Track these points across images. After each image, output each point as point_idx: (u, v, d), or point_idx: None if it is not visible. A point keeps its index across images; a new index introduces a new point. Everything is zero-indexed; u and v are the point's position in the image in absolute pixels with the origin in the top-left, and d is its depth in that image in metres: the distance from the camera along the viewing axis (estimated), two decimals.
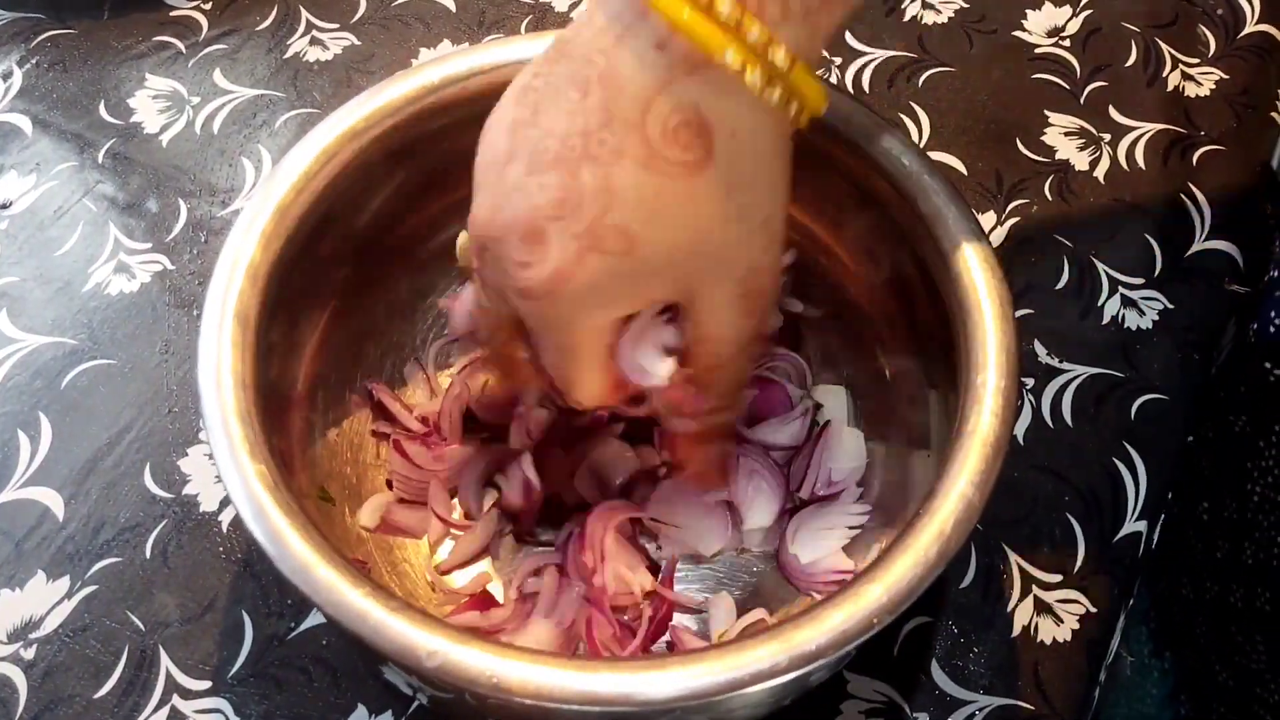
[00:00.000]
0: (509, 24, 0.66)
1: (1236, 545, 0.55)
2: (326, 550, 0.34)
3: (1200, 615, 0.58)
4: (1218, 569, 0.56)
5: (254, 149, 0.61)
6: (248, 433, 0.36)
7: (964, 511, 0.34)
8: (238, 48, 0.66)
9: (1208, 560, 0.57)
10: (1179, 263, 0.57)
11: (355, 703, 0.45)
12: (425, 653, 0.32)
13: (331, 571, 0.34)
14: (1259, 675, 0.53)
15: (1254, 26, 0.65)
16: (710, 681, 0.32)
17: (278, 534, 0.35)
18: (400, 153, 0.45)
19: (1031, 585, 0.48)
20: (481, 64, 0.45)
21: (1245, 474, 0.54)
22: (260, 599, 0.47)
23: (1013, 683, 0.46)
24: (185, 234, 0.58)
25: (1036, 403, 0.52)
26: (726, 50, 0.32)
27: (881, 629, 0.33)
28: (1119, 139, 0.61)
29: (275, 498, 0.35)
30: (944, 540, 0.34)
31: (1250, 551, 0.53)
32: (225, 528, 0.49)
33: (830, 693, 0.46)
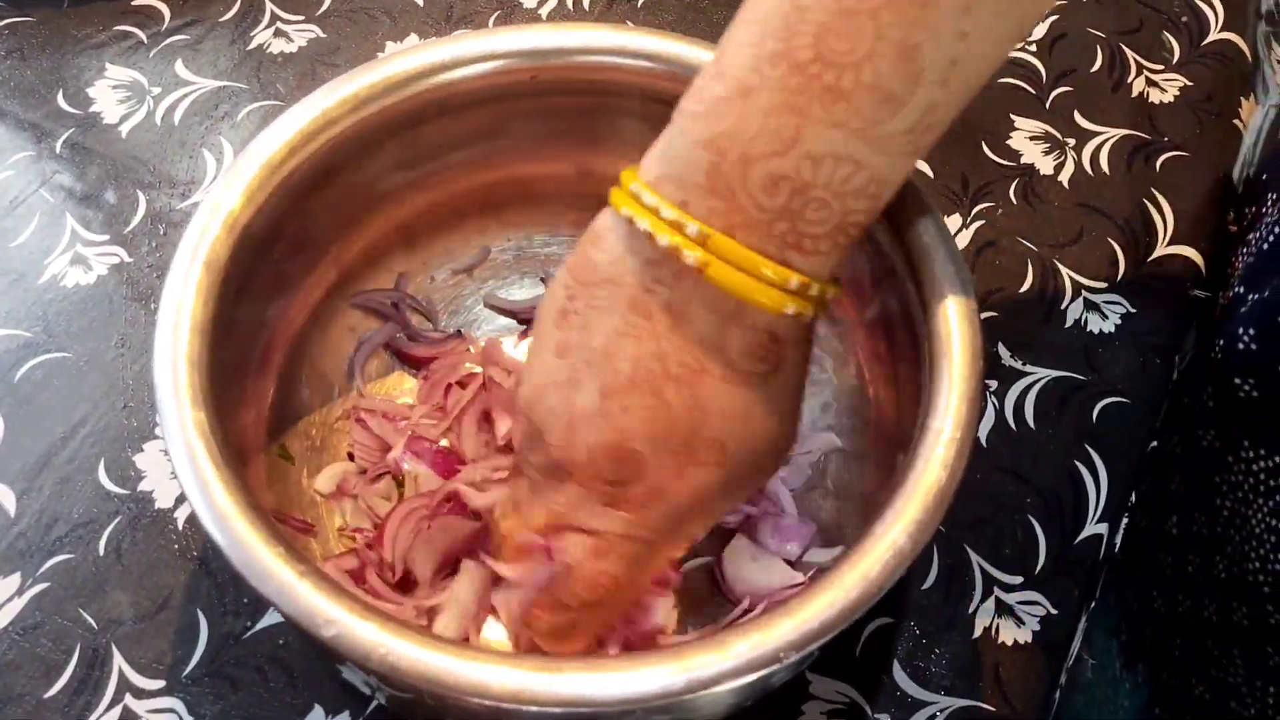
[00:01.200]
0: (477, 19, 0.66)
1: (1208, 560, 0.55)
2: (250, 504, 0.34)
3: (1174, 630, 0.59)
4: (1189, 583, 0.57)
5: (215, 141, 0.60)
6: (193, 379, 0.36)
7: (893, 559, 0.34)
8: (200, 38, 0.65)
9: (1178, 575, 0.58)
10: (1142, 267, 0.57)
11: (312, 703, 0.45)
12: (323, 620, 0.32)
13: (246, 526, 0.33)
14: (1235, 689, 0.53)
15: (1217, 34, 0.65)
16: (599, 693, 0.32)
17: (204, 482, 0.34)
18: (370, 143, 0.45)
19: (993, 587, 0.48)
20: (450, 57, 0.44)
21: (1214, 489, 0.54)
22: (216, 597, 0.47)
23: (974, 684, 0.46)
24: (144, 226, 0.57)
25: (999, 405, 0.53)
26: (789, 307, 0.34)
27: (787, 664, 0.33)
28: (1084, 144, 0.61)
29: (206, 445, 0.35)
30: (867, 584, 0.33)
31: (1223, 566, 0.53)
32: (181, 524, 0.49)
33: (792, 693, 0.46)
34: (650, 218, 0.34)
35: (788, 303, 0.34)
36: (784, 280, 0.34)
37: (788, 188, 0.33)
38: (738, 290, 0.34)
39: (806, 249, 0.34)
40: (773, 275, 0.34)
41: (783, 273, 0.34)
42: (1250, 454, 0.51)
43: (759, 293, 0.34)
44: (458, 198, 0.51)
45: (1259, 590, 0.50)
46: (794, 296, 0.34)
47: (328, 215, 0.46)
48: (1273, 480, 0.49)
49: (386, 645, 0.31)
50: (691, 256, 0.33)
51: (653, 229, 0.34)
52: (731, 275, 0.34)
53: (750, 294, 0.34)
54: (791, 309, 0.34)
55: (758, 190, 0.33)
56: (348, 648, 0.32)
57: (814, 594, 0.33)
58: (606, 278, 0.35)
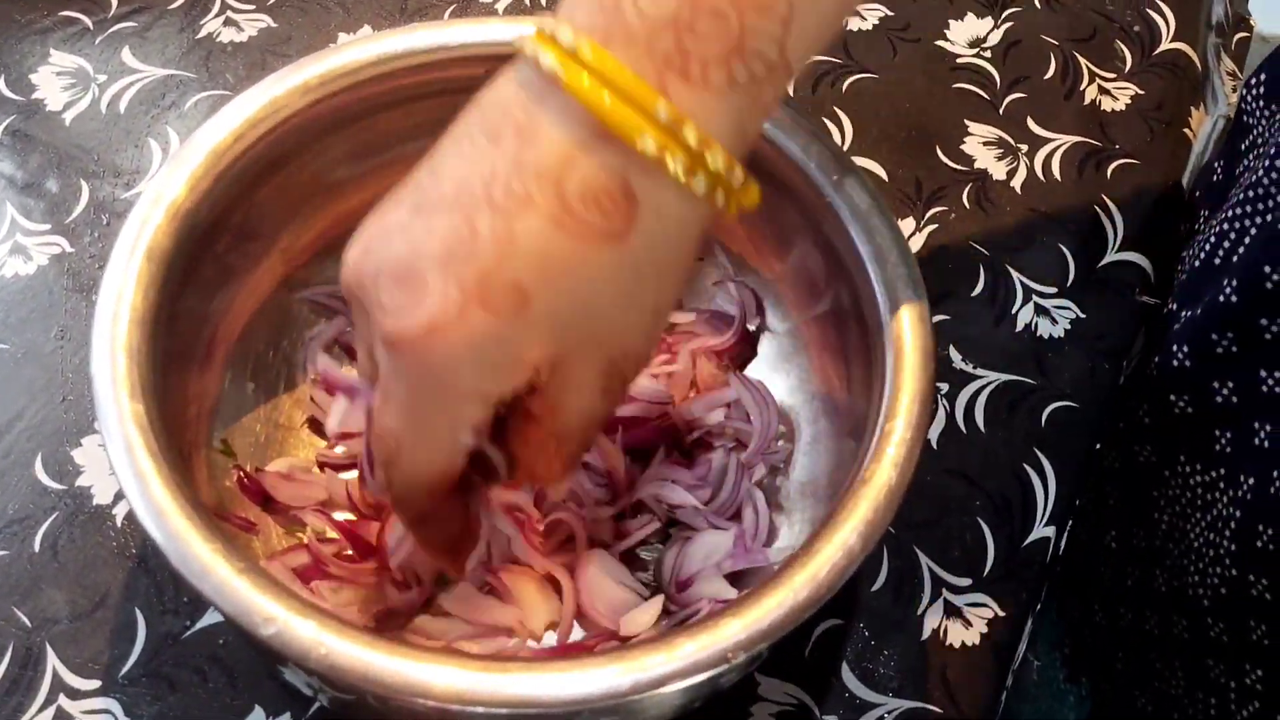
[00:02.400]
0: (432, 11, 0.65)
1: (1147, 573, 0.55)
2: (189, 499, 0.33)
3: (1116, 642, 0.59)
4: (1130, 596, 0.57)
5: (162, 130, 0.59)
6: (131, 372, 0.35)
7: (843, 560, 0.34)
8: (148, 26, 0.63)
9: (1118, 588, 0.58)
10: (1091, 273, 0.57)
11: (252, 704, 0.44)
12: (262, 618, 0.31)
13: (184, 521, 0.33)
14: (1177, 700, 0.54)
15: (1169, 44, 0.66)
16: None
17: (141, 475, 0.33)
18: (320, 133, 0.44)
19: (942, 589, 0.48)
20: (404, 48, 0.44)
21: (1152, 503, 0.54)
22: (155, 596, 0.46)
23: (921, 685, 0.46)
24: (86, 216, 0.56)
25: (950, 408, 0.53)
26: (643, 136, 0.29)
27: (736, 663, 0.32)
28: (1036, 150, 0.62)
29: (144, 438, 0.34)
30: (816, 585, 0.33)
31: (1163, 579, 0.54)
32: (120, 521, 0.47)
33: (741, 695, 0.45)
34: (536, 35, 0.30)
35: (647, 131, 0.29)
36: (649, 104, 0.29)
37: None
38: (590, 101, 0.29)
39: (693, 76, 0.29)
40: (635, 93, 0.29)
41: (649, 94, 0.29)
42: (1187, 469, 0.52)
43: (615, 111, 0.29)
44: None
45: (1199, 603, 0.50)
46: (656, 129, 0.29)
47: (275, 206, 0.45)
48: (1209, 495, 0.50)
49: (326, 644, 0.31)
50: (550, 59, 0.29)
51: (530, 41, 0.30)
52: (589, 86, 0.29)
53: (604, 109, 0.29)
54: (651, 143, 0.29)
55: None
56: (286, 646, 0.31)
57: (762, 595, 0.33)
58: (477, 102, 0.32)
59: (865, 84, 0.64)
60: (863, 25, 0.66)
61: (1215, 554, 0.49)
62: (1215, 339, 0.48)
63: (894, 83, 0.64)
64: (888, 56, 0.65)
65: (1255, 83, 0.54)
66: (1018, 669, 0.49)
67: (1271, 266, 0.44)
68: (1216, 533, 0.49)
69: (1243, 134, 0.55)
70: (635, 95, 0.29)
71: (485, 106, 0.32)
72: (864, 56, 0.65)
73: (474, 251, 0.30)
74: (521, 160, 0.30)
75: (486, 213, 0.30)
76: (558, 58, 0.29)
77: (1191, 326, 0.50)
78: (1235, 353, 0.47)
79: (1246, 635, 0.48)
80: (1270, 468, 0.45)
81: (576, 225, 0.30)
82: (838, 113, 0.62)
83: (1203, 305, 0.49)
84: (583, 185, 0.30)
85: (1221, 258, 0.51)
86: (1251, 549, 0.46)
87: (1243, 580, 0.47)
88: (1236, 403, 0.48)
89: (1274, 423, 0.46)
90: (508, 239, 0.30)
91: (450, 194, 0.30)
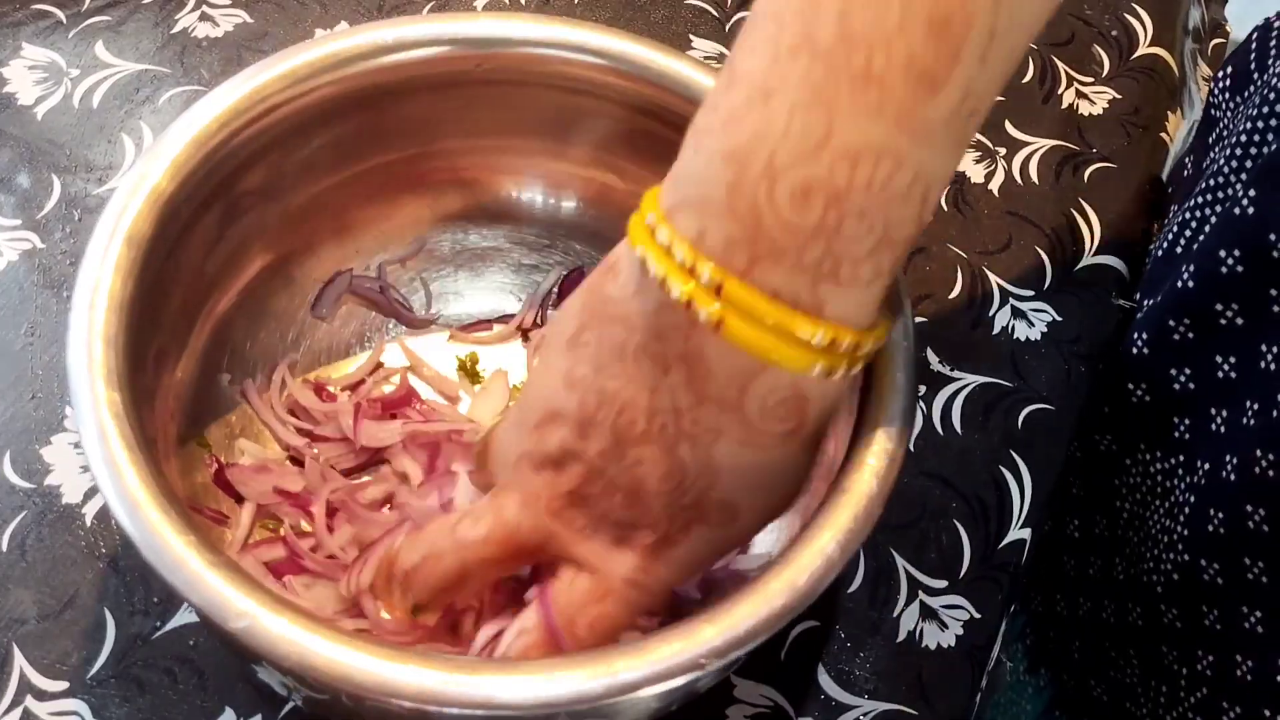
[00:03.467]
0: (410, 7, 0.65)
1: (1108, 562, 0.56)
2: (163, 491, 0.33)
3: (1075, 632, 0.59)
4: (1090, 585, 0.58)
5: (135, 125, 0.59)
6: (108, 359, 0.35)
7: (821, 567, 0.34)
8: (122, 20, 0.63)
9: (1080, 577, 0.59)
10: (1068, 276, 0.58)
11: (223, 706, 0.43)
12: (234, 612, 0.31)
13: (158, 513, 0.32)
14: (1131, 689, 0.54)
15: (1146, 49, 0.66)
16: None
17: (115, 466, 0.33)
18: (306, 123, 0.44)
19: (918, 591, 0.48)
20: (393, 39, 0.43)
21: (1114, 491, 0.55)
22: (124, 596, 0.45)
23: (897, 688, 0.46)
24: (58, 211, 0.55)
25: (928, 410, 0.53)
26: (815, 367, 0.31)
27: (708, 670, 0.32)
28: (1014, 153, 0.62)
29: (120, 427, 0.33)
30: (793, 592, 0.33)
31: (1121, 567, 0.54)
32: (90, 520, 0.47)
33: (717, 697, 0.45)
34: (663, 260, 0.31)
35: (815, 361, 0.31)
36: (811, 335, 0.30)
37: (821, 197, 0.29)
38: (756, 350, 0.30)
39: (844, 278, 0.30)
40: (798, 331, 0.30)
41: (809, 327, 0.30)
42: (1146, 457, 0.52)
43: (780, 353, 0.30)
44: (394, 186, 0.50)
45: (1153, 590, 0.51)
46: (823, 354, 0.31)
47: (258, 197, 0.45)
48: (1168, 482, 0.50)
49: (297, 640, 0.30)
50: (705, 313, 0.30)
51: (665, 274, 0.31)
52: (749, 333, 0.30)
53: (770, 354, 0.30)
54: (820, 368, 0.31)
55: (786, 206, 0.29)
56: (257, 642, 0.31)
57: (740, 600, 0.33)
58: (620, 315, 0.33)
59: None
60: None
61: (1169, 540, 0.49)
62: (1173, 325, 0.48)
63: None
64: None
65: (1222, 75, 0.55)
66: (992, 669, 0.49)
67: (1226, 251, 0.44)
68: (1173, 519, 0.49)
69: (1209, 127, 0.56)
70: (791, 328, 0.30)
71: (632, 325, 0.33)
72: None
73: (683, 484, 0.33)
74: (702, 394, 0.32)
75: (685, 444, 0.33)
76: (711, 311, 0.30)
77: (1151, 314, 0.50)
78: (1192, 339, 0.48)
79: (1198, 621, 0.48)
80: (1223, 452, 0.46)
81: (764, 438, 0.33)
82: None
83: (1162, 293, 0.50)
84: (765, 407, 0.32)
85: (1182, 246, 0.52)
86: (1203, 534, 0.46)
87: (1194, 565, 0.47)
88: (1194, 389, 0.48)
89: (1229, 408, 0.46)
90: (710, 466, 0.33)
91: (642, 426, 0.33)
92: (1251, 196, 0.43)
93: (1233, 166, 0.49)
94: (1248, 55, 0.53)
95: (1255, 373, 0.45)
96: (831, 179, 0.28)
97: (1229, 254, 0.44)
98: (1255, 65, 0.52)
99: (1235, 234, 0.44)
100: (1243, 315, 0.45)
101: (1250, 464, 0.43)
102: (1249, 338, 0.45)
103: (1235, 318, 0.45)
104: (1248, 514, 0.43)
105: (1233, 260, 0.44)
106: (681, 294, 0.30)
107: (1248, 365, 0.45)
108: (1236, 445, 0.45)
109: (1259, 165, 0.46)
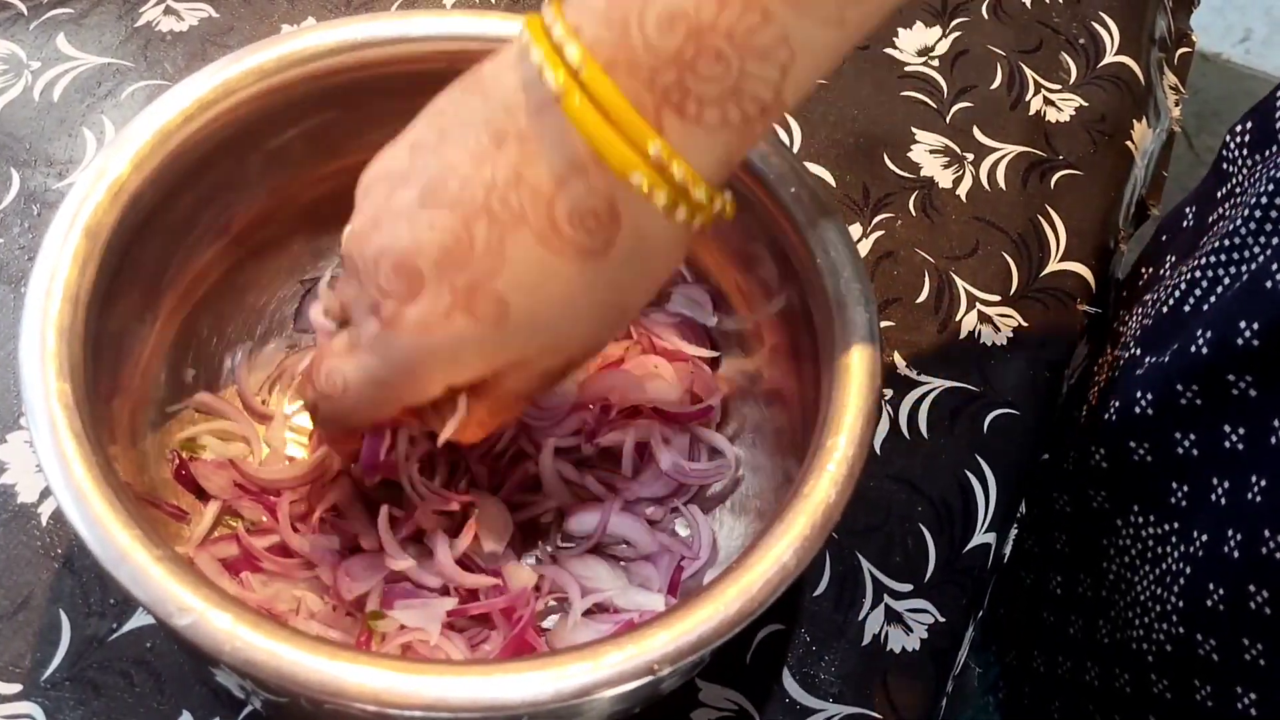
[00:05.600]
0: (378, 4, 0.64)
1: (1090, 622, 0.55)
2: (112, 483, 0.32)
3: (1055, 691, 0.59)
4: (1071, 645, 0.57)
5: (97, 120, 0.58)
6: (61, 350, 0.34)
7: (777, 575, 0.34)
8: (85, 13, 0.62)
9: (1060, 635, 0.58)
10: (1034, 282, 0.58)
11: (180, 709, 0.43)
12: (178, 608, 0.30)
13: (104, 505, 0.32)
14: None
15: (1113, 57, 0.67)
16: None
17: (63, 457, 0.32)
18: (274, 117, 0.43)
19: (883, 594, 0.48)
20: (364, 37, 0.43)
21: (1101, 551, 0.54)
22: (80, 597, 0.44)
23: (862, 691, 0.46)
24: (16, 206, 0.54)
25: (894, 414, 0.53)
26: (634, 173, 0.31)
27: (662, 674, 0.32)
28: (981, 159, 0.62)
29: (69, 418, 0.33)
30: (747, 599, 0.33)
31: (1106, 630, 0.54)
32: (45, 520, 0.46)
33: (681, 701, 0.45)
34: (540, 36, 0.31)
35: (637, 168, 0.31)
36: (642, 140, 0.30)
37: (684, 27, 0.30)
38: (588, 132, 0.30)
39: (689, 114, 0.31)
40: (631, 128, 0.30)
41: (645, 131, 0.30)
42: (1139, 519, 0.51)
43: (609, 144, 0.30)
44: None
45: (1143, 659, 0.50)
46: (648, 166, 0.31)
47: (225, 191, 0.44)
48: (1161, 548, 0.50)
49: (241, 638, 0.30)
50: (553, 79, 0.31)
51: (533, 41, 0.31)
52: (588, 114, 0.30)
53: (600, 141, 0.30)
54: (640, 179, 0.31)
55: (652, 26, 0.30)
56: (201, 639, 0.30)
57: (694, 606, 0.33)
58: (483, 88, 0.33)
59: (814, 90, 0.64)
60: None
61: (1162, 609, 0.49)
62: (1180, 389, 0.47)
63: (842, 89, 0.64)
64: None
65: (1240, 130, 0.53)
66: (958, 674, 0.50)
67: (1246, 322, 0.43)
68: (1164, 587, 0.49)
69: (1221, 181, 0.54)
70: (631, 130, 0.30)
71: (490, 96, 0.33)
72: None
73: (468, 260, 0.32)
74: (521, 175, 0.32)
75: (484, 222, 0.32)
76: (562, 80, 0.31)
77: (1156, 374, 0.49)
78: (1200, 405, 0.47)
79: (1191, 695, 0.47)
80: (1224, 525, 0.45)
81: (561, 243, 0.32)
82: (786, 118, 0.62)
83: (1170, 353, 0.49)
84: (572, 206, 0.32)
85: (1191, 306, 0.50)
86: (1201, 608, 0.46)
87: (1190, 639, 0.47)
88: (1197, 455, 0.48)
89: (1232, 480, 0.46)
90: (499, 251, 0.32)
91: (454, 193, 0.32)
92: (1278, 269, 0.42)
93: (1250, 229, 0.47)
94: (1272, 112, 0.51)
95: (1265, 447, 0.44)
96: (697, 14, 0.30)
97: (1249, 325, 0.43)
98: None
99: (1256, 306, 0.43)
100: (1256, 387, 0.44)
101: (1256, 543, 0.42)
102: (1261, 411, 0.44)
103: (1249, 389, 0.44)
104: (1250, 594, 0.42)
105: (1251, 332, 0.43)
106: (540, 61, 0.31)
107: (1257, 438, 0.44)
108: (1240, 520, 0.44)
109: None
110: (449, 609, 0.42)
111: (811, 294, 0.41)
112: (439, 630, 0.42)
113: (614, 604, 0.44)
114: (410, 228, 0.33)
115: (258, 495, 0.45)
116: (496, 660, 0.32)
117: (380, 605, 0.42)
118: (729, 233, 0.46)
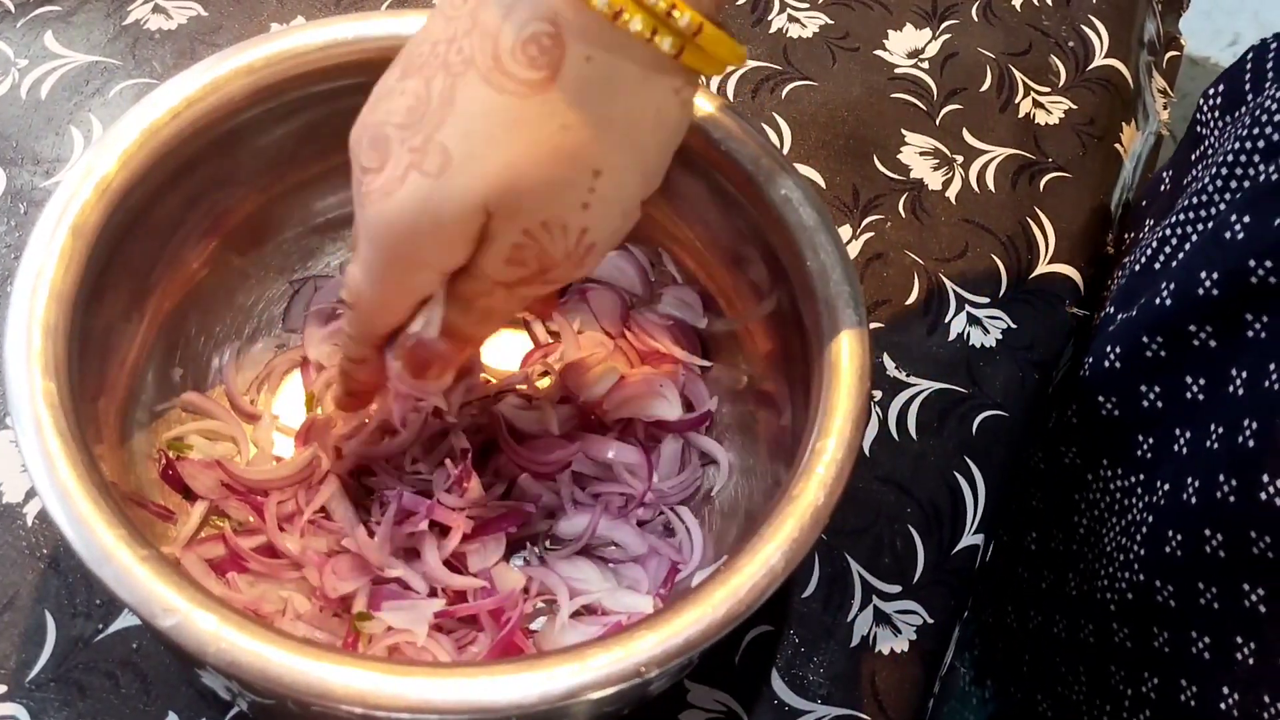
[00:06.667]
0: (368, 3, 0.64)
1: (1061, 576, 0.56)
2: (97, 482, 0.32)
3: (1025, 645, 0.59)
4: (1042, 599, 0.58)
5: (84, 118, 0.57)
6: (47, 349, 0.34)
7: (765, 578, 0.33)
8: (73, 10, 0.61)
9: (1033, 590, 0.59)
10: (1022, 284, 0.58)
11: (166, 710, 0.42)
12: (162, 609, 0.30)
13: (89, 504, 0.32)
14: (1076, 707, 0.54)
15: (1102, 60, 0.67)
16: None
17: (48, 455, 0.32)
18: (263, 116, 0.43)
19: (872, 595, 0.48)
20: (353, 35, 0.43)
21: (1073, 506, 0.55)
22: (66, 598, 0.44)
23: (850, 692, 0.46)
24: (3, 204, 0.54)
25: (883, 415, 0.53)
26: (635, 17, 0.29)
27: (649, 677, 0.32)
28: (971, 161, 0.62)
29: (54, 417, 0.33)
30: (735, 602, 0.33)
31: (1075, 583, 0.54)
32: (31, 520, 0.46)
33: (670, 702, 0.45)
34: None
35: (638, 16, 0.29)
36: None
37: None
38: None
39: None
40: None
41: None
42: (1108, 473, 0.52)
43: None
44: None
45: (1106, 608, 0.51)
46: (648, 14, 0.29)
47: (213, 190, 0.44)
48: (1126, 499, 0.50)
49: (226, 639, 0.30)
50: None
51: None
52: None
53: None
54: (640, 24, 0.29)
55: None
56: (184, 639, 0.30)
57: (681, 609, 0.32)
58: None
59: (804, 91, 0.64)
60: (803, 33, 0.67)
61: (1125, 559, 0.49)
62: (1146, 342, 0.48)
63: (832, 91, 0.64)
64: (827, 65, 0.65)
65: (1213, 94, 0.54)
66: (945, 675, 0.50)
67: (1206, 272, 0.44)
68: (1129, 537, 0.49)
69: (1194, 144, 0.55)
70: None
71: None
72: (803, 64, 0.65)
73: (423, 116, 0.31)
74: (476, 19, 0.30)
75: (440, 75, 0.31)
76: None
77: (1124, 329, 0.50)
78: (1164, 357, 0.48)
79: (1149, 642, 0.48)
80: (1184, 474, 0.46)
81: (504, 80, 0.30)
82: (776, 119, 0.62)
83: (1137, 308, 0.50)
84: (515, 37, 0.30)
85: (1161, 262, 0.51)
86: (1160, 555, 0.46)
87: (1149, 586, 0.47)
88: (1161, 408, 0.48)
89: (1193, 430, 0.46)
90: (449, 101, 0.31)
91: (424, 55, 0.32)
92: (1236, 221, 0.43)
93: (1217, 186, 0.48)
94: (1242, 75, 0.53)
95: (1223, 396, 0.45)
96: None
97: (1208, 275, 0.44)
98: (1250, 86, 0.52)
99: (1216, 256, 0.44)
100: (1216, 338, 0.45)
101: (1212, 488, 0.43)
102: (1220, 361, 0.45)
103: (1209, 340, 0.45)
104: (1206, 538, 0.43)
105: (1210, 282, 0.44)
106: None
107: (1216, 388, 0.45)
108: (1199, 468, 0.45)
109: (1247, 191, 0.45)
110: (436, 610, 0.42)
111: (801, 296, 0.41)
112: (426, 632, 0.42)
113: (602, 606, 0.44)
114: (386, 101, 0.33)
115: (245, 495, 0.45)
116: (483, 662, 0.31)
117: (368, 606, 0.42)
118: (719, 234, 0.46)
